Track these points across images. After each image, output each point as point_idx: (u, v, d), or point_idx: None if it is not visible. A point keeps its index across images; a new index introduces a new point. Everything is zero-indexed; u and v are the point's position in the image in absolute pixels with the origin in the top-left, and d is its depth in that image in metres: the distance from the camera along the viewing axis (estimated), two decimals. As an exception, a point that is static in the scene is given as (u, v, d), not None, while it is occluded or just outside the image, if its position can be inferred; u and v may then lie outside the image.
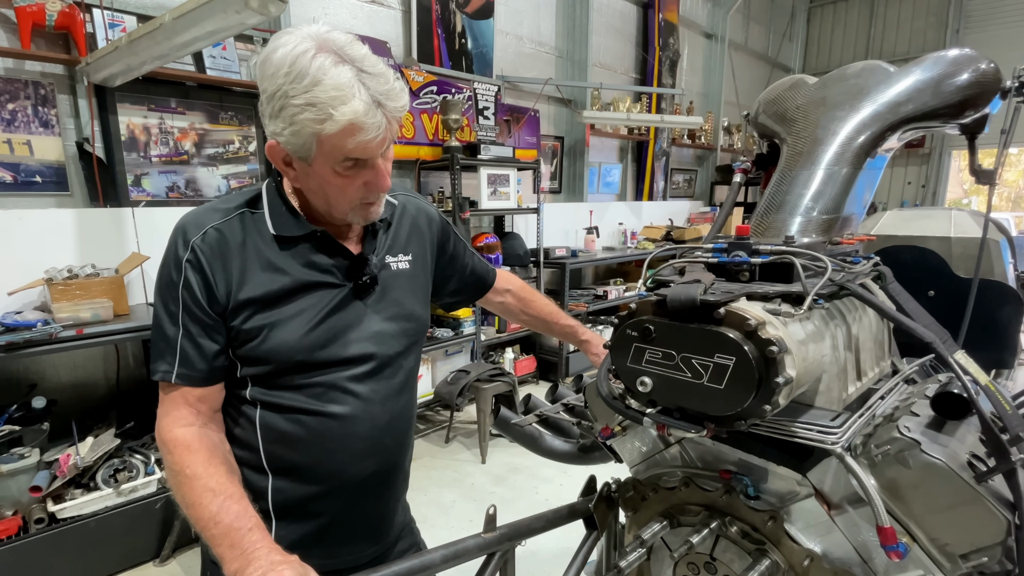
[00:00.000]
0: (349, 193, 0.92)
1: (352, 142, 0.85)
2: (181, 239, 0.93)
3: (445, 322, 4.20)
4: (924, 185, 8.75)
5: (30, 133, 2.69)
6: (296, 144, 0.86)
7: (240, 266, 0.94)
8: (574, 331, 1.43)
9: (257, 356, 0.95)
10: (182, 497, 0.85)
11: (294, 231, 0.97)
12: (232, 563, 0.75)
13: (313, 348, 0.96)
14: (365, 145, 0.86)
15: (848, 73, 1.15)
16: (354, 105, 0.82)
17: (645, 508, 1.03)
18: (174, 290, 0.92)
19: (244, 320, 0.93)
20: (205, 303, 0.92)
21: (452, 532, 2.87)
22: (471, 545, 0.90)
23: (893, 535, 0.70)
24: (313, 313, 0.97)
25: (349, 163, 0.88)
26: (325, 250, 0.99)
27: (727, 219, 1.34)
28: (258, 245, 0.96)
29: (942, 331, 0.93)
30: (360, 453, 1.02)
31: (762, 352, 0.69)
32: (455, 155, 4.00)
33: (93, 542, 2.42)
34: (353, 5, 3.90)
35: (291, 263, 0.97)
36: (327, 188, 0.92)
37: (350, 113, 0.82)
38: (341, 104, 0.81)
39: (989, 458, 0.72)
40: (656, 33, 6.29)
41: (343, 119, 0.82)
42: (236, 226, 0.96)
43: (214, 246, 0.93)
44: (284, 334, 0.94)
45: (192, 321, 0.92)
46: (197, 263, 0.92)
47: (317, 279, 0.98)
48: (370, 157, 0.89)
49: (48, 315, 2.44)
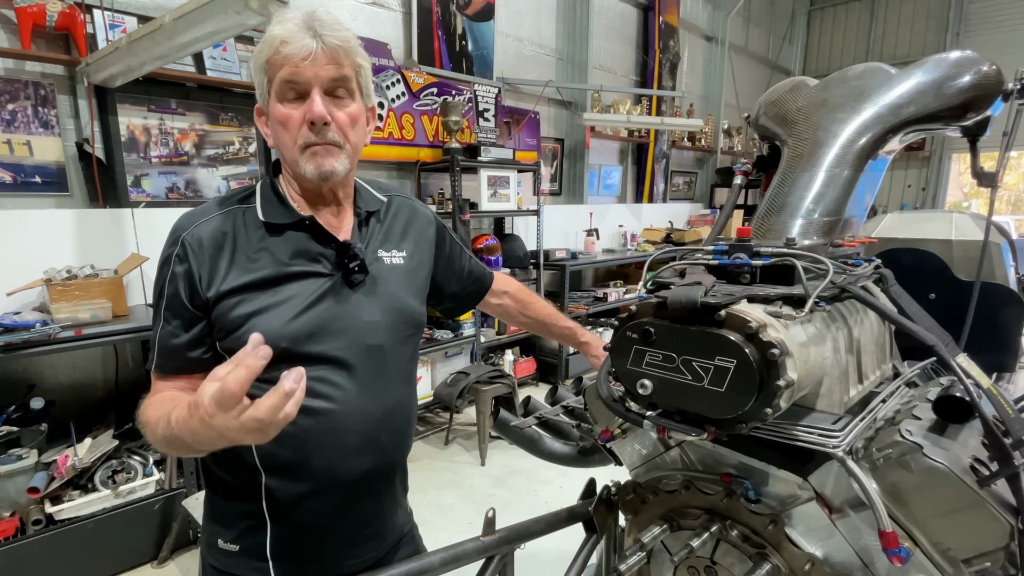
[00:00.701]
0: (292, 128, 0.95)
1: (281, 57, 0.91)
2: (172, 236, 0.97)
3: (445, 324, 4.19)
4: (924, 188, 8.75)
5: (30, 134, 2.69)
6: (258, 87, 0.97)
7: (228, 257, 0.96)
8: (573, 333, 1.43)
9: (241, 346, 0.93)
10: (161, 435, 0.83)
11: (283, 218, 0.99)
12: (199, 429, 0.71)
13: (298, 336, 0.95)
14: (293, 63, 0.91)
15: (849, 75, 1.14)
16: (286, 26, 0.91)
17: (645, 511, 1.02)
18: (162, 285, 0.96)
19: (228, 310, 0.94)
20: (186, 297, 0.94)
21: (451, 534, 2.86)
22: (470, 548, 0.89)
23: (895, 539, 0.69)
24: (299, 301, 0.96)
25: (291, 93, 0.94)
26: (314, 238, 1.00)
27: (727, 221, 1.33)
28: (247, 235, 0.98)
29: (944, 334, 0.92)
30: (352, 449, 1.00)
31: (763, 355, 0.68)
32: (455, 157, 4.00)
33: (91, 544, 2.41)
34: (353, 7, 3.90)
35: (278, 250, 0.98)
36: (277, 130, 0.97)
37: (281, 32, 0.91)
38: (277, 26, 0.92)
39: (992, 462, 0.72)
40: (656, 35, 6.30)
41: (273, 38, 0.91)
42: (227, 220, 0.98)
43: (202, 240, 0.95)
44: (268, 321, 0.94)
45: (173, 315, 0.95)
46: (184, 256, 0.94)
47: (305, 268, 0.98)
48: (303, 81, 0.93)
49: (47, 316, 2.44)
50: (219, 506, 1.06)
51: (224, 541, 1.03)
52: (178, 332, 0.95)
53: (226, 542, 1.02)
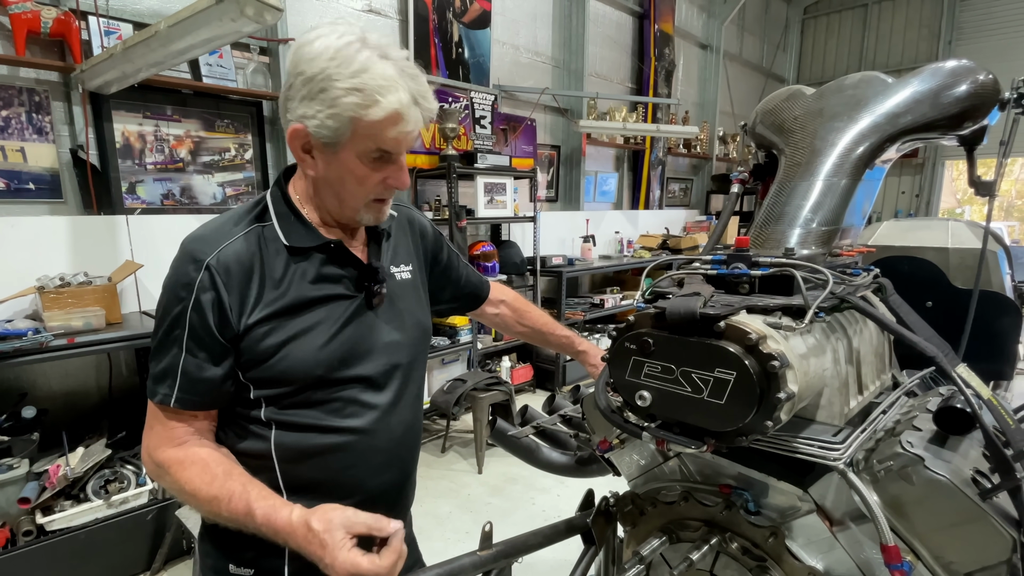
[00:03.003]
0: (368, 186, 0.92)
1: (393, 131, 0.87)
2: (191, 259, 0.89)
3: (442, 330, 4.18)
4: (918, 195, 8.80)
5: (24, 140, 2.67)
6: (330, 128, 0.86)
7: (257, 284, 0.91)
8: (571, 342, 1.42)
9: (273, 376, 0.92)
10: (198, 509, 0.90)
11: (307, 241, 0.95)
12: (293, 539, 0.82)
13: (331, 362, 0.94)
14: (403, 137, 0.89)
15: (846, 84, 1.15)
16: (400, 96, 0.85)
17: (644, 523, 1.01)
18: (181, 312, 0.88)
19: (259, 340, 0.90)
20: (216, 327, 0.88)
21: (448, 544, 2.83)
22: (466, 564, 0.88)
23: (897, 554, 0.68)
24: (328, 326, 0.95)
25: (377, 154, 0.89)
26: (336, 261, 0.97)
27: (724, 230, 1.33)
28: (271, 260, 0.93)
29: (943, 344, 0.92)
30: (379, 466, 1.01)
31: (763, 367, 0.67)
32: (452, 164, 4.00)
33: (83, 555, 2.37)
34: (350, 14, 3.91)
35: (304, 275, 0.94)
36: (347, 178, 0.92)
37: (396, 102, 0.85)
38: (388, 93, 0.85)
39: (993, 474, 0.71)
40: (652, 43, 6.33)
41: (389, 107, 0.85)
42: (250, 243, 0.92)
43: (230, 266, 0.89)
44: (300, 349, 0.92)
45: (198, 346, 0.88)
46: (211, 284, 0.88)
47: (330, 291, 0.96)
48: (398, 152, 0.91)
49: (39, 323, 2.41)
50: (230, 530, 0.98)
51: (237, 566, 0.99)
52: (207, 365, 0.89)
53: (239, 566, 0.99)
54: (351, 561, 0.77)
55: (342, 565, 0.77)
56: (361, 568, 0.77)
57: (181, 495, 0.90)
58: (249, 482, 0.88)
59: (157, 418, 0.92)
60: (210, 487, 0.86)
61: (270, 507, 0.84)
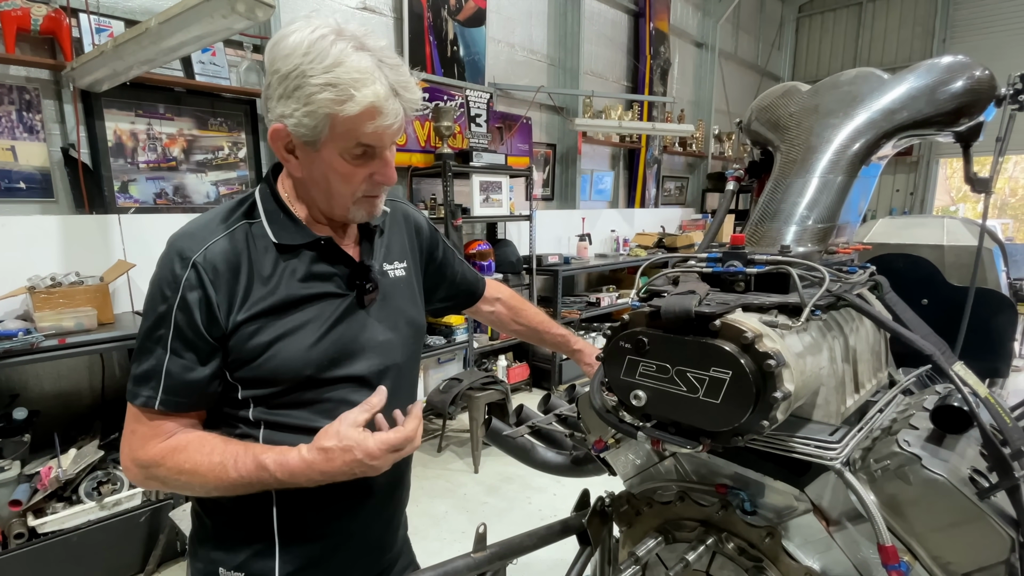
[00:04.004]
0: (354, 183, 0.90)
1: (371, 126, 0.84)
2: (178, 256, 0.87)
3: (438, 330, 4.16)
4: (912, 192, 8.82)
5: (14, 139, 2.64)
6: (307, 126, 0.84)
7: (245, 282, 0.89)
8: (566, 340, 1.41)
9: (261, 376, 0.90)
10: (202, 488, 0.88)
11: (296, 239, 0.93)
12: (313, 470, 0.83)
13: (321, 361, 0.92)
14: (383, 131, 0.85)
15: (841, 80, 1.14)
16: (376, 88, 0.82)
17: (639, 523, 1.00)
18: (166, 311, 0.86)
19: (247, 339, 0.88)
20: (203, 326, 0.86)
21: (444, 544, 2.83)
22: (460, 566, 0.87)
23: (895, 554, 0.68)
24: (318, 325, 0.93)
25: (359, 150, 0.87)
26: (327, 258, 0.96)
27: (720, 227, 1.32)
28: (259, 257, 0.91)
29: (940, 342, 0.91)
30: None
31: (759, 366, 0.67)
32: (447, 162, 3.99)
33: (75, 557, 2.35)
34: (344, 12, 3.88)
35: (292, 272, 0.92)
36: (331, 176, 0.89)
37: (371, 95, 0.82)
38: (363, 86, 0.81)
39: (991, 473, 0.70)
40: (647, 42, 6.32)
41: (364, 101, 0.82)
42: (237, 240, 0.90)
43: (217, 264, 0.87)
44: (289, 349, 0.90)
45: (184, 347, 0.86)
46: (198, 282, 0.85)
47: (320, 289, 0.94)
48: (381, 146, 0.88)
49: (30, 324, 2.39)
50: (221, 532, 0.99)
51: (227, 569, 0.97)
52: (194, 366, 0.87)
53: (229, 569, 0.97)
54: (380, 440, 0.83)
55: (376, 448, 0.82)
56: (392, 441, 0.83)
57: (180, 478, 0.86)
58: (248, 444, 0.88)
59: (139, 420, 0.88)
60: (211, 456, 0.85)
61: (279, 453, 0.84)
